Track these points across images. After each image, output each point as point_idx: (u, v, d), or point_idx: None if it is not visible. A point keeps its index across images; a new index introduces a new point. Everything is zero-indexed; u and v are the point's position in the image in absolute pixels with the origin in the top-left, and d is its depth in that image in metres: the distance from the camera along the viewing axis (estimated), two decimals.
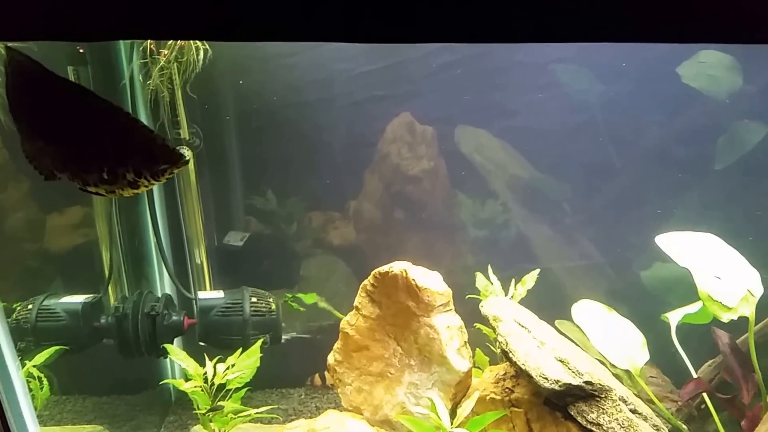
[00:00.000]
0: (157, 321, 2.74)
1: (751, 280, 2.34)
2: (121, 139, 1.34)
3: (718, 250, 2.49)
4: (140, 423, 2.99)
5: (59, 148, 1.39)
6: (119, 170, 1.36)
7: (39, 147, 1.40)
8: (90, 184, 1.41)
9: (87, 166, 1.38)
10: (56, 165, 1.41)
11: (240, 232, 3.14)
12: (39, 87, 1.36)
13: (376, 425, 2.54)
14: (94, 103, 1.34)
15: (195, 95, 2.78)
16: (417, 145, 3.30)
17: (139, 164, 1.36)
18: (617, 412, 2.17)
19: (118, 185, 1.41)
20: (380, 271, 2.51)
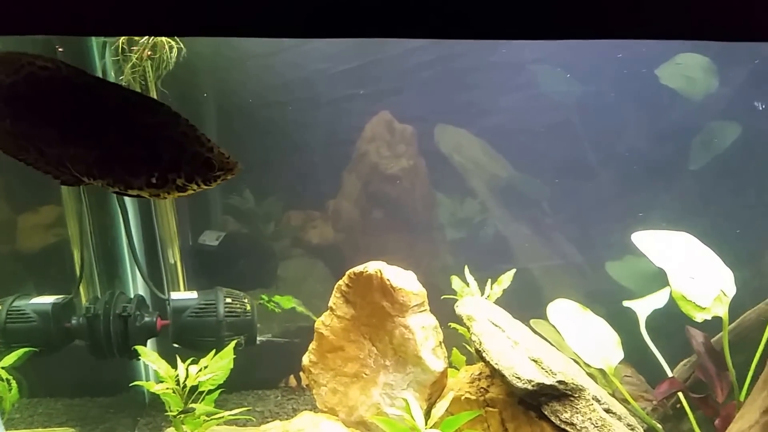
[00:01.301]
0: (129, 322, 2.70)
1: (724, 279, 2.35)
2: (177, 146, 1.36)
3: (694, 249, 2.50)
4: (113, 425, 2.95)
5: (102, 154, 1.39)
6: (170, 175, 1.37)
7: (70, 154, 1.39)
8: (134, 187, 1.41)
9: (135, 171, 1.38)
10: (92, 171, 1.40)
11: (216, 231, 3.10)
12: (80, 93, 1.36)
13: (351, 426, 2.52)
14: (154, 108, 1.36)
15: (170, 93, 2.74)
16: (396, 144, 3.29)
17: (194, 170, 1.37)
18: (590, 411, 2.17)
19: (165, 189, 1.41)
20: (355, 272, 2.49)
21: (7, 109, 1.41)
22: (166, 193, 1.41)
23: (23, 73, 1.36)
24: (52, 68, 1.35)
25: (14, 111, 1.40)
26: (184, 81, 2.75)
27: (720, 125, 3.19)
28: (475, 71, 2.99)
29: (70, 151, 1.40)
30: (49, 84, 1.37)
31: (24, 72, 1.36)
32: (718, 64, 3.09)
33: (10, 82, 1.38)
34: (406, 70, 2.99)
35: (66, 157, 1.41)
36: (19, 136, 1.42)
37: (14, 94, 1.39)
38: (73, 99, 1.37)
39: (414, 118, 3.17)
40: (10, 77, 1.38)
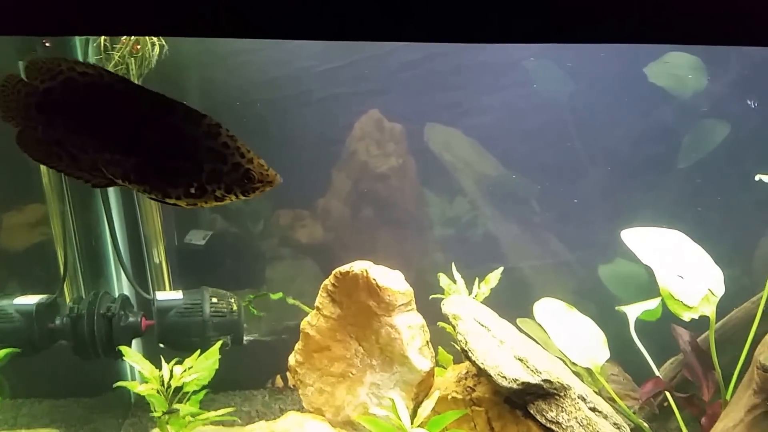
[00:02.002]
0: (113, 322, 2.68)
1: (713, 278, 2.35)
2: (219, 157, 1.37)
3: (683, 247, 2.49)
4: (98, 426, 2.92)
5: (141, 162, 1.39)
6: (210, 186, 1.38)
7: (106, 159, 1.39)
8: (172, 196, 1.42)
9: (175, 181, 1.39)
10: (129, 176, 1.41)
11: (202, 230, 3.08)
12: (122, 101, 1.37)
13: (338, 426, 2.50)
14: (197, 119, 1.36)
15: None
16: (385, 143, 3.27)
17: (233, 182, 1.38)
18: (576, 410, 2.16)
19: (203, 199, 1.43)
20: (341, 271, 2.47)
21: (39, 116, 1.41)
22: (203, 202, 1.43)
23: (60, 79, 1.37)
24: (92, 74, 1.36)
25: (48, 117, 1.40)
26: (168, 78, 2.72)
27: (708, 124, 3.19)
28: (463, 70, 2.98)
29: (106, 157, 1.40)
30: (88, 90, 1.36)
31: (61, 78, 1.37)
32: (706, 62, 3.10)
33: (45, 88, 1.39)
34: (393, 68, 2.98)
35: (101, 162, 1.41)
36: (50, 142, 1.42)
37: (48, 100, 1.39)
38: (113, 106, 1.37)
39: (403, 117, 3.16)
40: (45, 83, 1.38)
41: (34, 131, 1.42)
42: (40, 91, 1.38)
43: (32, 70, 1.38)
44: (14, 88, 1.40)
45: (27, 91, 1.39)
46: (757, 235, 3.10)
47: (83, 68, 1.36)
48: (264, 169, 1.39)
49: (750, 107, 3.14)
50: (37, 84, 1.38)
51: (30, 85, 1.39)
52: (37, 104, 1.39)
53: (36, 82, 1.38)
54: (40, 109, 1.40)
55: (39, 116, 1.40)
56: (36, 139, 1.42)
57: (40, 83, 1.38)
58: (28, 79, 1.38)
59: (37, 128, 1.41)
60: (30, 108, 1.40)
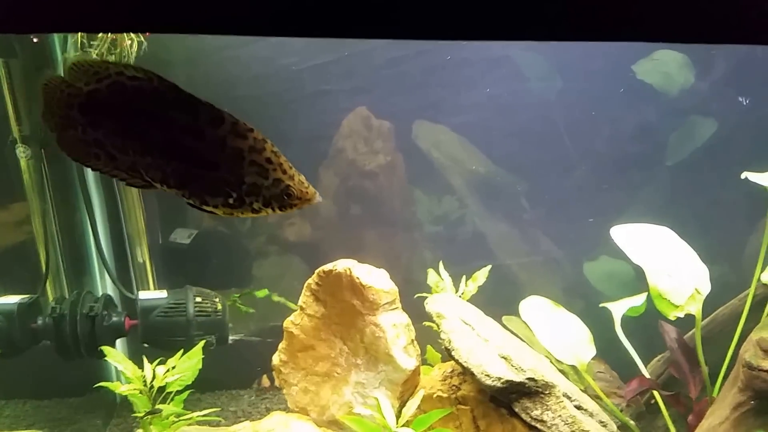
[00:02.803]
0: (96, 322, 2.65)
1: (699, 276, 2.33)
2: (261, 171, 1.39)
3: (671, 245, 2.48)
4: (83, 426, 2.90)
5: (184, 169, 1.41)
6: (248, 198, 1.40)
7: (147, 162, 1.41)
8: (209, 204, 1.43)
9: (215, 190, 1.41)
10: (168, 181, 1.42)
11: (187, 229, 3.05)
12: (169, 107, 1.37)
13: (323, 426, 2.48)
14: (244, 132, 1.37)
15: None
16: (373, 140, 3.25)
17: (272, 197, 1.40)
18: (561, 408, 2.15)
19: (240, 210, 1.44)
20: (324, 270, 2.45)
21: (81, 117, 1.41)
22: (239, 213, 1.44)
23: (107, 81, 1.37)
24: (142, 79, 1.36)
25: (90, 119, 1.41)
26: None
27: (696, 121, 3.18)
28: (448, 66, 2.97)
29: (147, 160, 1.41)
30: (136, 94, 1.37)
31: (108, 81, 1.37)
32: (694, 60, 3.09)
33: (89, 90, 1.39)
34: (378, 65, 2.96)
35: (141, 165, 1.42)
36: (90, 143, 1.43)
37: (92, 101, 1.40)
38: (160, 112, 1.37)
39: (390, 114, 3.14)
40: (90, 85, 1.39)
41: (74, 131, 1.43)
42: (84, 92, 1.39)
43: (76, 72, 1.39)
44: (57, 89, 1.41)
45: (70, 92, 1.40)
46: (746, 233, 3.09)
47: (133, 72, 1.37)
48: (304, 187, 1.41)
49: (740, 104, 3.14)
50: (81, 86, 1.39)
51: (74, 86, 1.39)
52: (80, 105, 1.40)
53: (80, 83, 1.39)
54: (83, 111, 1.41)
55: (81, 117, 1.41)
56: (76, 139, 1.43)
57: (85, 85, 1.39)
58: (71, 80, 1.39)
59: (77, 128, 1.42)
60: (72, 109, 1.41)
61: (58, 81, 1.41)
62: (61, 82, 1.40)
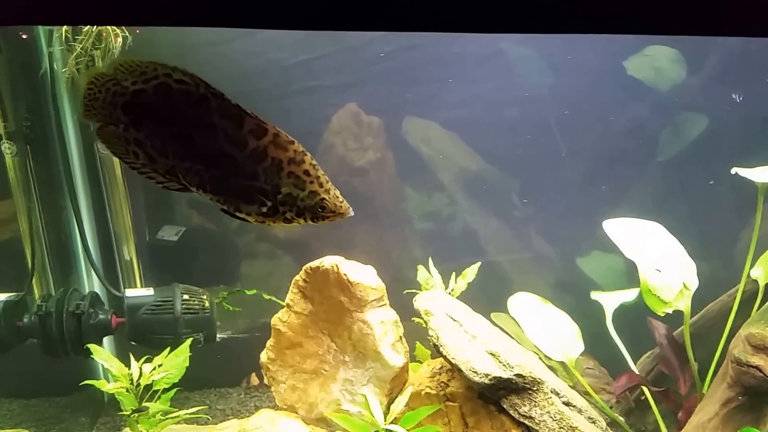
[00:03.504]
0: (82, 319, 2.63)
1: (687, 272, 2.33)
2: (298, 183, 1.42)
3: (661, 240, 2.47)
4: (70, 425, 2.88)
5: (222, 176, 1.43)
6: (282, 208, 1.43)
7: (185, 167, 1.43)
8: (242, 212, 1.46)
9: (251, 199, 1.43)
10: (205, 186, 1.44)
11: (175, 226, 3.03)
12: (214, 114, 1.39)
13: (311, 423, 2.47)
14: (286, 144, 1.41)
15: None
16: (363, 136, 3.23)
17: (306, 208, 1.43)
18: (549, 404, 2.14)
19: (273, 219, 1.47)
20: (311, 266, 2.44)
21: (125, 115, 1.42)
22: (272, 221, 1.47)
23: (154, 83, 1.38)
24: (189, 84, 1.38)
25: (133, 118, 1.42)
26: None
27: (687, 117, 3.17)
28: (439, 61, 2.94)
29: (185, 164, 1.43)
30: (182, 98, 1.38)
31: (155, 82, 1.38)
32: (685, 55, 3.08)
33: (135, 90, 1.40)
34: (368, 60, 2.94)
35: (179, 169, 1.44)
36: (131, 141, 1.44)
37: (137, 101, 1.41)
38: (203, 118, 1.39)
39: (380, 110, 3.12)
40: (136, 84, 1.40)
41: (115, 128, 1.44)
42: (130, 91, 1.40)
43: (123, 71, 1.39)
44: (103, 86, 1.41)
45: (116, 90, 1.41)
46: (737, 229, 3.08)
47: (180, 76, 1.38)
48: (338, 201, 1.46)
49: (731, 99, 3.13)
50: (128, 85, 1.40)
51: (120, 84, 1.40)
52: (124, 104, 1.41)
53: (126, 82, 1.40)
54: (126, 110, 1.42)
55: (124, 116, 1.42)
56: (116, 135, 1.44)
57: (131, 84, 1.40)
58: (117, 78, 1.40)
59: (118, 126, 1.43)
60: (116, 107, 1.42)
61: (105, 78, 1.41)
62: (107, 79, 1.41)
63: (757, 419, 2.23)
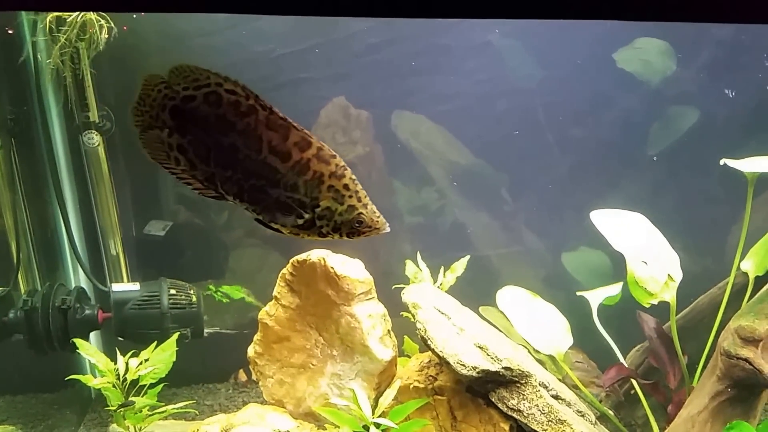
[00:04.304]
0: (69, 315, 2.61)
1: (672, 264, 2.32)
2: (337, 198, 1.43)
3: (646, 231, 2.46)
4: (56, 422, 2.85)
5: (262, 187, 1.43)
6: (319, 222, 1.43)
7: (226, 175, 1.44)
8: (278, 222, 1.47)
9: (288, 210, 1.44)
10: (243, 196, 1.45)
11: (162, 221, 3.00)
12: (261, 126, 1.41)
13: (299, 418, 2.45)
14: (328, 158, 1.42)
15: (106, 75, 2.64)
16: (351, 130, 3.21)
17: (344, 223, 1.44)
18: (537, 398, 2.12)
19: (308, 232, 1.48)
20: (298, 260, 2.41)
21: (171, 119, 1.43)
22: (306, 234, 1.49)
23: (205, 90, 1.40)
24: (239, 94, 1.40)
25: (179, 123, 1.43)
26: (122, 62, 2.65)
27: (678, 109, 3.16)
28: (427, 53, 2.92)
29: (226, 173, 1.44)
30: (230, 108, 1.39)
31: (206, 90, 1.39)
32: (675, 47, 3.06)
33: (185, 95, 1.41)
34: (355, 53, 2.91)
35: (219, 177, 1.44)
36: (173, 146, 1.45)
37: (185, 107, 1.41)
38: (249, 129, 1.40)
39: (369, 104, 3.09)
40: (187, 90, 1.41)
41: (159, 132, 1.45)
42: (180, 96, 1.41)
43: (177, 75, 1.40)
44: (154, 88, 1.42)
45: (166, 93, 1.41)
46: (729, 222, 3.07)
47: (231, 86, 1.40)
48: (375, 216, 1.47)
49: (721, 91, 3.12)
50: (179, 89, 1.41)
51: (171, 88, 1.41)
52: (172, 108, 1.42)
53: (178, 87, 1.41)
54: (174, 114, 1.43)
55: (170, 120, 1.43)
56: (159, 139, 1.45)
57: (182, 89, 1.41)
58: (170, 82, 1.41)
59: (163, 130, 1.44)
60: (164, 110, 1.43)
61: (157, 81, 1.42)
62: (159, 81, 1.42)
63: (746, 412, 2.22)
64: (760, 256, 2.39)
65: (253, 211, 1.47)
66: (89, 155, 2.76)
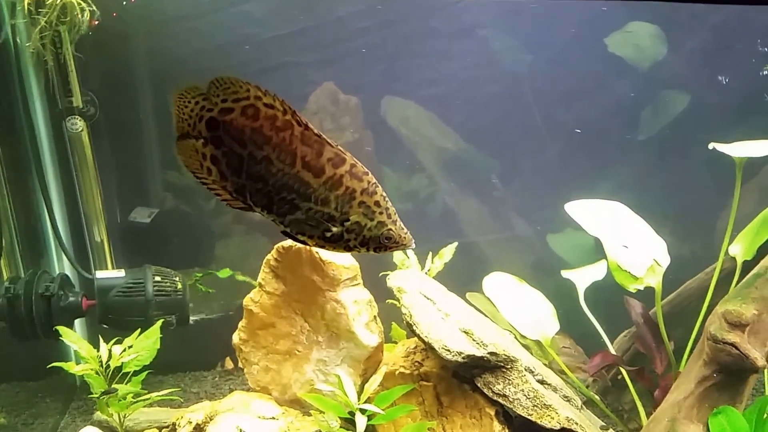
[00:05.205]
0: (52, 302, 2.58)
1: (657, 249, 2.30)
2: (368, 213, 1.47)
3: (625, 219, 2.43)
4: (41, 410, 2.83)
5: (292, 200, 1.45)
6: (349, 235, 1.47)
7: (257, 187, 1.46)
8: (306, 235, 1.50)
9: (316, 223, 1.47)
10: (271, 208, 1.47)
11: (148, 208, 2.98)
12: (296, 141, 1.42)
13: (285, 404, 2.43)
14: (361, 175, 1.46)
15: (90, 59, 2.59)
16: (340, 116, 3.18)
17: (372, 238, 1.48)
18: (523, 382, 2.11)
19: (334, 245, 1.51)
20: (283, 245, 2.38)
21: (207, 130, 1.44)
22: (331, 248, 1.52)
23: (243, 103, 1.42)
24: (277, 108, 1.43)
25: (215, 135, 1.44)
26: (105, 46, 2.61)
27: (669, 94, 3.14)
28: (415, 37, 2.89)
29: (257, 185, 1.46)
30: (267, 122, 1.42)
31: (244, 102, 1.42)
32: (666, 31, 3.04)
33: (222, 108, 1.43)
34: (343, 37, 2.88)
35: (250, 189, 1.47)
36: (207, 157, 1.47)
37: (222, 118, 1.43)
38: (286, 143, 1.42)
39: (357, 89, 3.07)
40: (226, 102, 1.43)
41: (195, 142, 1.46)
42: (218, 108, 1.43)
43: (216, 87, 1.42)
44: (193, 98, 1.44)
45: (204, 105, 1.43)
46: (719, 207, 3.06)
47: (270, 100, 1.43)
48: (403, 232, 1.52)
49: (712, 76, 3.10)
50: (217, 101, 1.43)
51: (209, 99, 1.43)
52: (209, 119, 1.44)
53: (216, 98, 1.43)
54: (210, 125, 1.44)
55: (206, 131, 1.45)
56: (193, 149, 1.47)
57: (221, 102, 1.43)
58: (209, 93, 1.43)
59: (198, 140, 1.46)
60: (200, 121, 1.45)
61: (197, 92, 1.44)
62: (199, 93, 1.44)
63: (733, 397, 2.20)
64: (748, 240, 2.38)
65: (281, 223, 1.49)
66: (73, 141, 2.73)
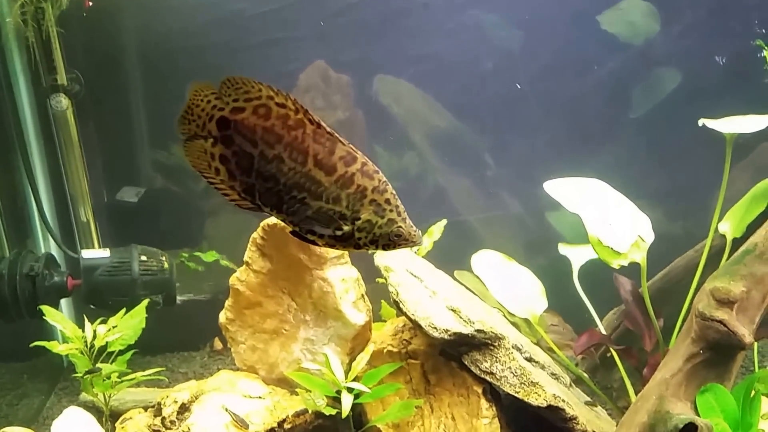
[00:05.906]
0: (37, 281, 2.56)
1: (641, 225, 2.27)
2: (378, 211, 1.45)
3: (608, 196, 2.40)
4: (27, 391, 2.82)
5: (302, 200, 1.43)
6: (359, 233, 1.45)
7: (266, 186, 1.44)
8: (316, 234, 1.47)
9: (327, 222, 1.44)
10: (281, 207, 1.45)
11: (135, 187, 2.94)
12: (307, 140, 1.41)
13: (272, 384, 2.42)
14: (372, 173, 1.43)
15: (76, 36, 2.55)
16: (331, 95, 3.14)
17: (383, 235, 1.46)
18: (510, 360, 2.09)
19: (344, 244, 1.48)
20: (269, 223, 2.36)
21: (217, 130, 1.42)
22: (341, 246, 1.49)
23: (255, 103, 1.40)
24: (289, 107, 1.40)
25: (225, 134, 1.42)
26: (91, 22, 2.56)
27: (660, 72, 3.11)
28: (405, 13, 2.85)
29: (267, 185, 1.44)
30: (279, 121, 1.40)
31: (256, 102, 1.40)
32: (659, 8, 3.01)
33: (234, 107, 1.41)
34: (334, 12, 2.83)
35: (259, 189, 1.45)
36: (216, 157, 1.45)
37: (233, 118, 1.41)
38: (298, 142, 1.40)
39: (347, 66, 3.02)
40: (237, 102, 1.41)
41: (203, 142, 1.44)
42: (229, 108, 1.41)
43: (227, 87, 1.41)
44: (204, 98, 1.42)
45: (215, 104, 1.42)
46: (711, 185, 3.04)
47: (282, 100, 1.40)
48: (412, 230, 1.50)
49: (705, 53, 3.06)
50: (229, 101, 1.41)
51: (221, 99, 1.41)
52: (220, 119, 1.42)
53: (228, 98, 1.41)
54: (221, 125, 1.42)
55: (216, 130, 1.43)
56: (202, 149, 1.45)
57: (232, 101, 1.41)
58: (220, 93, 1.41)
59: (207, 139, 1.44)
60: (211, 120, 1.43)
61: (208, 91, 1.42)
62: (209, 92, 1.42)
63: (721, 375, 2.19)
64: (738, 218, 2.36)
65: (291, 222, 1.46)
66: (57, 119, 2.69)
